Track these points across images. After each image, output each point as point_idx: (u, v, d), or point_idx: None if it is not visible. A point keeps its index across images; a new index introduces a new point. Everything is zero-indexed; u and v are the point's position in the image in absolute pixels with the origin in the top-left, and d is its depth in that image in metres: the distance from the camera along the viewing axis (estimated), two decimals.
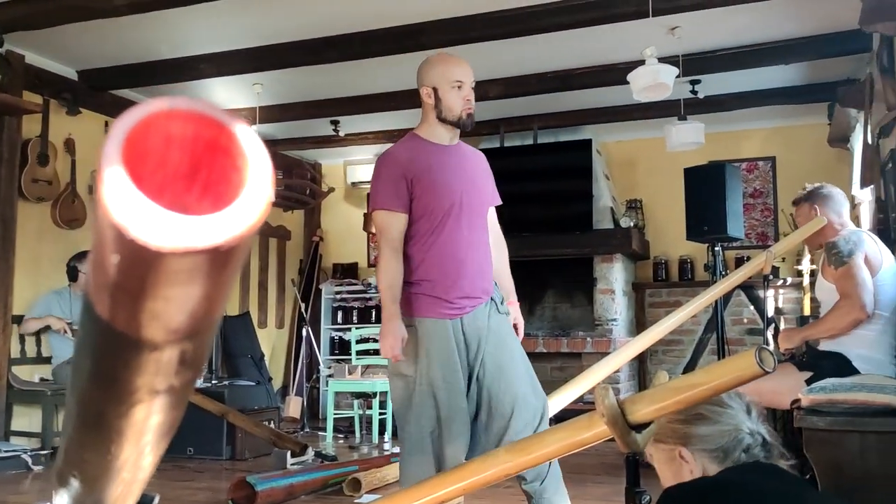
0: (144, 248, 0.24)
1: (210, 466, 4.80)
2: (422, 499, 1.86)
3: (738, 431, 1.51)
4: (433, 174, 2.57)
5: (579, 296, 7.22)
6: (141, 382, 0.33)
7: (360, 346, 6.25)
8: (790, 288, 6.65)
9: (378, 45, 5.12)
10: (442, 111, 2.60)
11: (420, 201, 2.54)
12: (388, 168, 2.56)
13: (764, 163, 7.02)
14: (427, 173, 2.56)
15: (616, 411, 1.36)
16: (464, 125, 2.65)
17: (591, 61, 5.63)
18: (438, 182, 2.57)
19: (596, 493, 3.84)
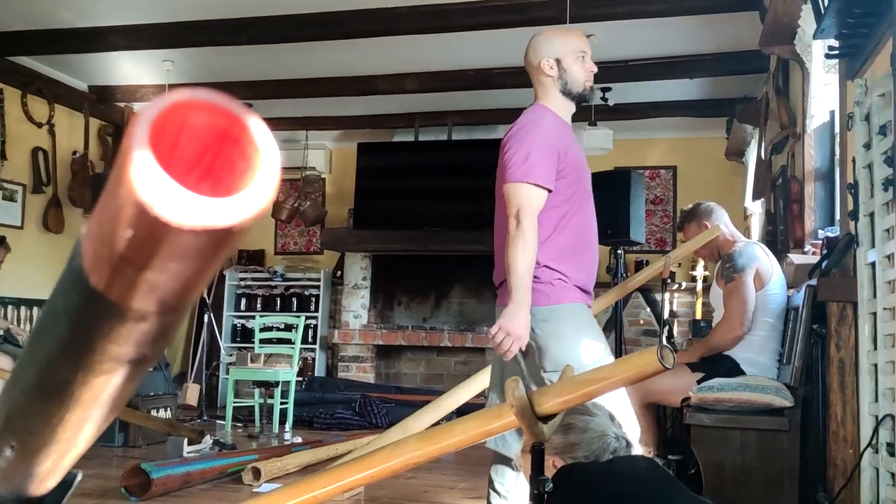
0: (165, 225, 0.26)
1: (101, 453, 4.63)
2: (327, 486, 1.88)
3: (605, 437, 1.62)
4: (572, 153, 2.38)
5: (486, 292, 7.34)
6: (116, 352, 0.34)
7: (264, 335, 6.16)
8: (684, 292, 6.98)
9: (295, 30, 5.05)
10: (567, 83, 2.40)
11: (565, 180, 2.35)
12: (542, 138, 2.32)
13: (666, 171, 7.34)
14: (568, 151, 2.36)
15: (525, 403, 1.43)
16: (588, 97, 2.48)
17: (510, 62, 5.74)
18: (577, 161, 2.41)
19: None
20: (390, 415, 5.91)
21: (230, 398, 5.81)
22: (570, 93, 2.43)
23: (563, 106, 2.44)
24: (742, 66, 5.42)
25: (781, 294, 3.37)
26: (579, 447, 1.62)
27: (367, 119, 7.17)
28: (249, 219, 0.27)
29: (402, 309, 7.62)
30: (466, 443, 1.65)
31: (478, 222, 6.86)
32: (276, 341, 6.33)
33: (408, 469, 1.77)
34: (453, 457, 4.68)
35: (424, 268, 7.41)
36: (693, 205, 3.74)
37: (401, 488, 3.73)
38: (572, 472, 1.54)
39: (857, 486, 2.54)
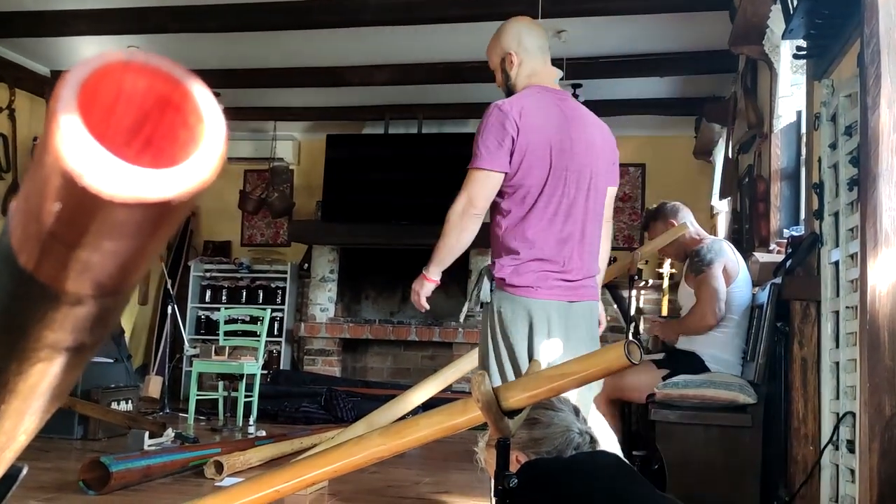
0: (95, 197, 0.24)
1: (58, 445, 4.53)
2: (289, 481, 1.85)
3: (569, 432, 1.62)
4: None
5: (453, 287, 7.33)
6: (52, 339, 0.32)
7: (229, 327, 6.09)
8: (651, 289, 7.04)
9: (263, 18, 4.98)
10: None
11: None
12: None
13: (634, 169, 7.39)
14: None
15: (491, 397, 1.41)
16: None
17: (480, 56, 5.71)
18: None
19: (459, 479, 3.94)
20: (356, 409, 5.87)
21: (193, 391, 5.73)
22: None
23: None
24: (711, 66, 5.47)
25: (746, 292, 3.40)
26: (543, 442, 1.62)
27: (337, 111, 7.10)
28: (189, 192, 0.25)
29: (370, 303, 7.58)
30: (431, 437, 1.64)
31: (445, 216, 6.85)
32: (241, 334, 6.25)
33: (372, 464, 1.75)
34: (419, 451, 4.67)
35: (392, 262, 7.37)
36: (658, 204, 3.76)
37: (365, 483, 3.70)
38: (536, 467, 1.54)
39: (817, 483, 2.57)
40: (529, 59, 2.42)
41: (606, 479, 1.46)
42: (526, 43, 2.42)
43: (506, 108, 2.28)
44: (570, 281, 2.33)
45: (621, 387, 3.28)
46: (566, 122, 2.34)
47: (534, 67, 2.43)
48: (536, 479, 1.46)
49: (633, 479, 1.53)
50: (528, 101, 2.32)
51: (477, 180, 2.32)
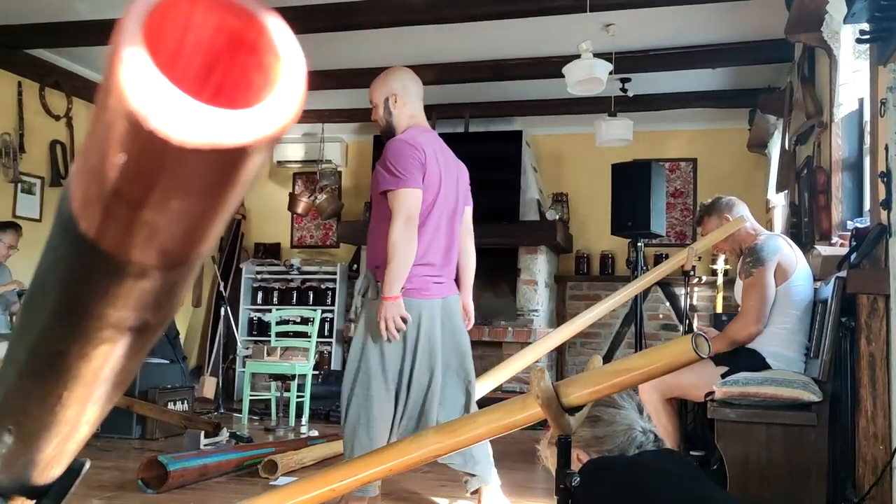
0: (164, 143, 0.21)
1: (118, 445, 4.63)
2: (345, 479, 1.83)
3: (631, 430, 1.56)
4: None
5: (503, 286, 7.28)
6: (115, 317, 0.29)
7: (280, 328, 6.14)
8: (705, 286, 6.89)
9: (313, 21, 5.01)
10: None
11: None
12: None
13: (686, 163, 7.24)
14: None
15: (551, 394, 1.37)
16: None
17: (524, 53, 5.67)
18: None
19: (514, 479, 3.89)
20: None
21: (247, 391, 5.79)
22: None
23: None
24: (766, 55, 5.32)
25: (807, 286, 3.29)
26: (605, 440, 1.57)
27: None
28: (267, 137, 0.22)
29: None
30: (488, 435, 1.60)
31: (496, 215, 6.80)
32: (292, 335, 6.30)
33: (428, 462, 1.72)
34: None
35: None
36: (713, 199, 3.67)
37: (417, 482, 3.69)
38: (598, 465, 1.49)
39: (888, 483, 2.46)
40: (411, 102, 2.93)
41: (673, 479, 1.41)
42: (410, 88, 2.93)
43: (412, 142, 2.79)
44: (443, 282, 2.88)
45: (678, 385, 3.20)
46: (444, 157, 2.91)
47: (414, 110, 2.94)
48: (599, 478, 1.41)
49: (700, 479, 1.48)
50: (422, 138, 2.84)
51: (409, 198, 2.73)
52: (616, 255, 7.12)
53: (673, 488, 1.39)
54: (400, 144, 2.79)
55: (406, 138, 2.82)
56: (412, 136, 2.83)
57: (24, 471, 0.61)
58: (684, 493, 1.38)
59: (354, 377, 2.81)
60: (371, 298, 2.80)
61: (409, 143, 2.79)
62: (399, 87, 2.90)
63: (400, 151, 2.77)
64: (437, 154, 2.88)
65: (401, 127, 2.90)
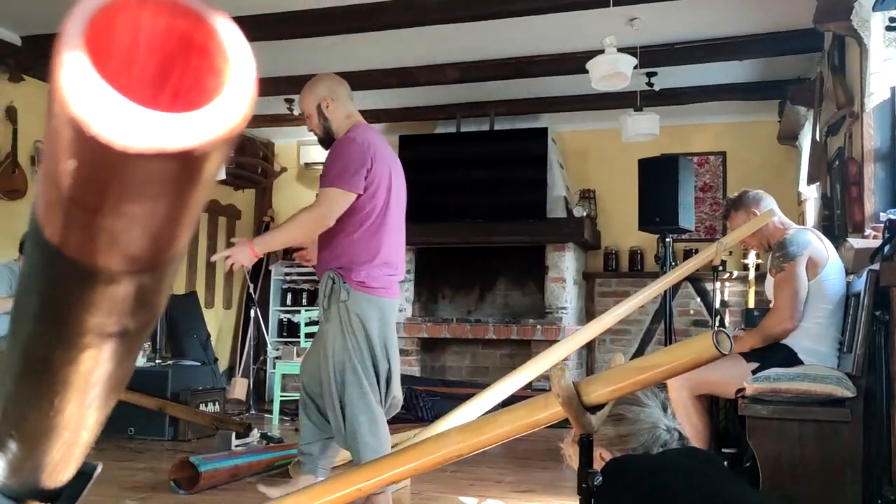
0: (107, 149, 0.21)
1: (151, 447, 4.69)
2: (369, 479, 1.84)
3: (655, 429, 1.54)
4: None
5: (530, 284, 7.25)
6: (93, 323, 0.29)
7: (310, 329, 6.18)
8: (736, 281, 6.79)
9: (335, 23, 5.03)
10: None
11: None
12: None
13: (715, 157, 7.15)
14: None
15: (572, 392, 1.36)
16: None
17: (548, 49, 5.64)
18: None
19: (542, 478, 3.88)
20: (436, 408, 5.87)
21: (277, 392, 5.84)
22: None
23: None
24: (794, 46, 5.22)
25: (839, 280, 3.23)
26: (629, 439, 1.55)
27: (408, 111, 7.12)
28: (215, 140, 0.22)
29: (447, 302, 7.58)
30: (511, 434, 1.59)
31: (522, 213, 6.78)
32: None
33: (451, 461, 1.72)
34: (500, 450, 4.63)
35: (468, 260, 7.35)
36: (739, 193, 3.61)
37: (447, 482, 3.69)
38: (621, 464, 1.47)
39: None
40: (343, 103, 2.97)
41: (699, 477, 1.39)
42: (338, 91, 2.98)
43: (360, 140, 2.82)
44: (397, 280, 2.97)
45: (708, 382, 3.16)
46: (390, 155, 2.98)
47: (349, 110, 2.98)
48: (622, 477, 1.40)
49: (728, 477, 1.45)
50: (370, 136, 2.88)
51: (335, 199, 2.76)
52: (645, 250, 7.06)
53: (698, 487, 1.37)
54: (347, 143, 2.83)
55: (355, 136, 2.84)
56: (361, 135, 2.86)
57: (32, 475, 0.62)
58: (710, 492, 1.36)
59: (342, 379, 2.81)
60: (342, 300, 2.81)
61: (357, 143, 2.82)
62: (328, 92, 2.96)
63: (346, 151, 2.81)
64: (386, 153, 2.94)
65: (341, 129, 2.94)
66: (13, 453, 0.57)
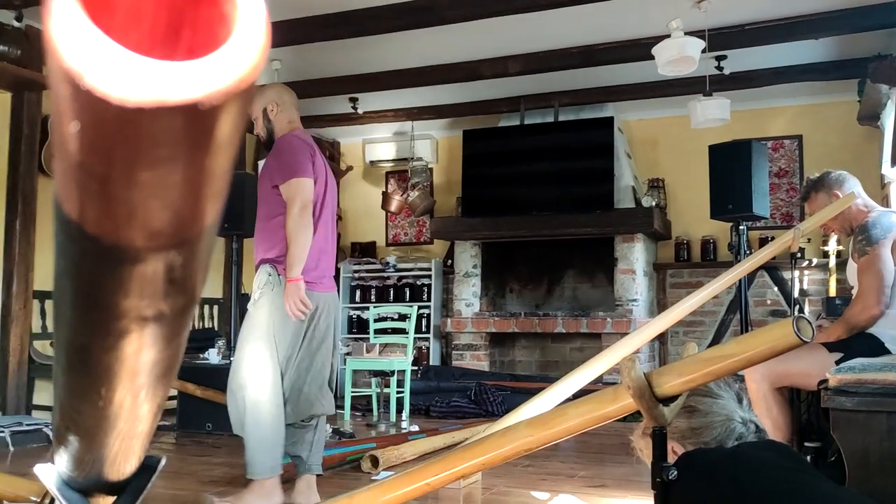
0: (105, 103, 0.19)
1: (228, 442, 4.80)
2: (440, 473, 1.83)
3: (730, 421, 1.48)
4: None
5: (599, 276, 7.14)
6: (126, 306, 0.28)
7: (378, 325, 6.23)
8: (816, 269, 6.54)
9: (396, 19, 5.04)
10: None
11: None
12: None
13: (790, 141, 6.89)
14: None
15: (643, 384, 1.31)
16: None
17: (614, 36, 5.53)
18: None
19: (616, 473, 3.80)
20: (506, 403, 5.84)
21: (348, 388, 5.91)
22: None
23: None
24: (874, 21, 4.98)
25: None
26: (702, 432, 1.49)
27: (472, 105, 7.10)
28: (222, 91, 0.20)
29: (514, 296, 7.53)
30: (580, 428, 1.55)
31: (589, 205, 6.68)
32: (390, 331, 6.39)
33: (520, 455, 1.69)
34: (572, 444, 4.56)
35: (535, 253, 7.29)
36: (821, 173, 3.45)
37: (518, 476, 3.66)
38: (696, 458, 1.42)
39: None
40: (287, 110, 3.12)
41: (779, 471, 1.32)
42: (284, 98, 3.14)
43: (304, 138, 3.04)
44: (328, 277, 3.13)
45: (789, 373, 3.03)
46: (323, 158, 3.13)
47: (291, 117, 3.13)
48: (698, 471, 1.34)
49: (808, 471, 1.38)
50: (308, 138, 3.10)
51: (304, 187, 2.91)
52: (718, 239, 6.86)
53: (777, 481, 1.30)
54: (290, 138, 3.01)
55: (297, 134, 3.05)
56: (301, 135, 3.07)
57: (95, 468, 0.62)
58: (789, 487, 1.29)
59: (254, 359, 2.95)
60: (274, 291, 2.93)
61: (299, 138, 3.02)
62: (275, 97, 3.12)
63: (290, 144, 2.98)
64: (320, 154, 3.11)
65: (282, 132, 3.10)
66: (74, 447, 0.57)
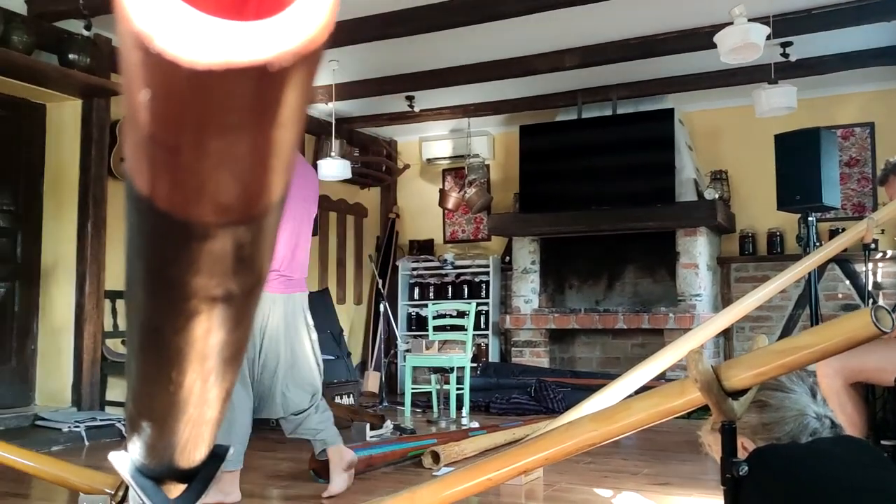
0: (175, 66, 0.19)
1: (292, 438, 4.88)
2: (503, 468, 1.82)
3: (803, 416, 1.42)
4: None
5: (661, 271, 7.02)
6: (196, 285, 0.28)
7: (437, 322, 6.25)
8: (890, 261, 6.29)
9: (453, 16, 5.04)
10: None
11: None
12: None
13: (861, 129, 6.64)
14: None
15: (711, 377, 1.28)
16: None
17: (674, 26, 5.42)
18: None
19: (681, 470, 3.73)
20: (566, 399, 5.79)
21: (408, 384, 5.95)
22: None
23: None
24: None
25: None
26: (773, 427, 1.44)
27: (529, 101, 7.05)
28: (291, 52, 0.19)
29: (574, 292, 7.46)
30: (645, 423, 1.52)
31: (649, 198, 6.56)
32: (449, 328, 6.40)
33: (583, 451, 1.67)
34: (634, 441, 4.50)
35: (595, 249, 7.20)
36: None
37: (580, 473, 3.62)
38: (768, 454, 1.37)
39: None
40: None
41: (856, 468, 1.27)
42: None
43: None
44: (289, 278, 3.23)
45: (863, 369, 2.93)
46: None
47: None
48: (770, 468, 1.30)
49: (890, 468, 1.32)
50: None
51: None
52: (785, 232, 6.66)
53: (854, 479, 1.25)
54: None
55: None
56: None
57: (166, 454, 0.63)
58: (869, 485, 1.24)
59: None
60: None
61: None
62: None
63: None
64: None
65: None
66: (146, 433, 0.58)
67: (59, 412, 4.88)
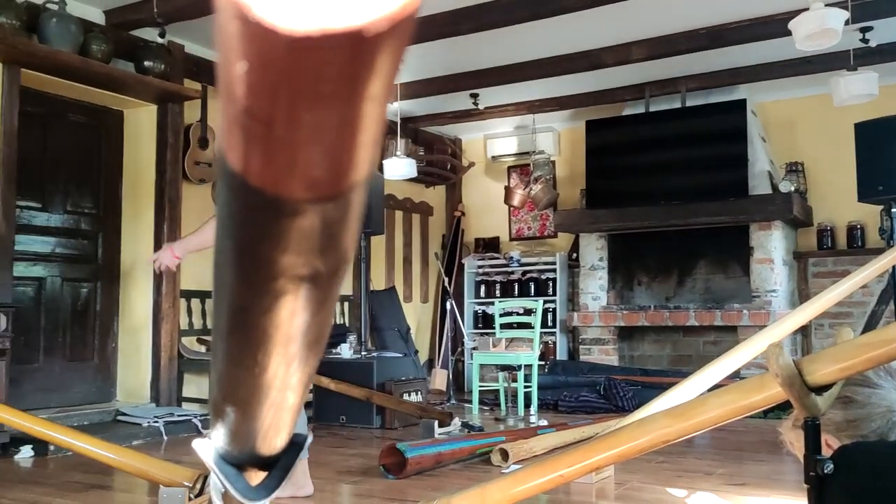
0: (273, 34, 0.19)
1: (361, 434, 4.95)
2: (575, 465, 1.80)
3: (891, 413, 1.35)
4: None
5: (734, 266, 6.84)
6: (284, 263, 0.29)
7: (504, 320, 6.23)
8: None
9: (515, 12, 5.01)
10: None
11: None
12: None
13: None
14: None
15: (792, 371, 1.24)
16: None
17: (745, 14, 5.27)
18: None
19: (757, 470, 3.63)
20: (637, 397, 5.70)
21: (475, 382, 5.95)
22: None
23: None
24: None
25: None
26: (859, 424, 1.38)
27: (595, 95, 6.96)
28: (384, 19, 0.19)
29: (643, 288, 7.33)
30: (722, 419, 1.48)
31: (720, 192, 6.40)
32: (516, 326, 6.37)
33: (656, 447, 1.64)
34: (708, 441, 4.39)
35: (664, 244, 7.06)
36: None
37: (652, 472, 3.55)
38: (855, 452, 1.32)
39: None
40: None
41: None
42: None
43: None
44: None
45: None
46: None
47: None
48: (858, 466, 1.25)
49: None
50: None
51: None
52: (866, 224, 6.40)
53: None
54: None
55: None
56: None
57: (248, 440, 0.64)
58: None
59: None
60: None
61: None
62: None
63: None
64: None
65: None
66: (230, 418, 0.59)
67: (138, 408, 5.06)
